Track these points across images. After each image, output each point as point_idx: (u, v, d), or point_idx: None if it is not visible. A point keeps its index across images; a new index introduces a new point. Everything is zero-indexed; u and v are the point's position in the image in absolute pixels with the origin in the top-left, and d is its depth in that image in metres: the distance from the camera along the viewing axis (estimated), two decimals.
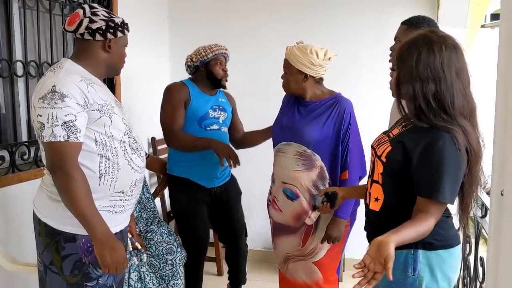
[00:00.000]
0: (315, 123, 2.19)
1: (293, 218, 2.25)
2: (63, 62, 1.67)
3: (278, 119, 2.35)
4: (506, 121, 0.99)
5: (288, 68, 2.22)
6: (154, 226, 2.55)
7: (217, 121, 2.57)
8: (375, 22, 3.38)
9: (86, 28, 1.66)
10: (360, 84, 3.41)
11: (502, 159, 1.00)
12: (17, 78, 2.37)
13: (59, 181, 1.55)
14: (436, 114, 1.37)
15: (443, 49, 1.37)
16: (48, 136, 1.52)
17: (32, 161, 2.37)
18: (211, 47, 2.54)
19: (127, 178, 1.71)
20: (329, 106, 2.22)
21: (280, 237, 2.34)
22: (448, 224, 1.50)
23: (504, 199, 1.00)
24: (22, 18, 2.35)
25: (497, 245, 1.03)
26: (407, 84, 1.41)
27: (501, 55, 1.01)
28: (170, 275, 2.45)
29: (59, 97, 1.53)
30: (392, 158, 1.46)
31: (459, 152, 1.34)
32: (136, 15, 3.16)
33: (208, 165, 2.53)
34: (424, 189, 1.38)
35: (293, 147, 2.21)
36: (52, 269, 1.66)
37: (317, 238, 2.25)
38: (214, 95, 2.62)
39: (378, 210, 1.53)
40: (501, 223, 1.02)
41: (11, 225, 2.23)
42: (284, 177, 2.24)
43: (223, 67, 2.56)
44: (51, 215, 1.64)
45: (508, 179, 0.99)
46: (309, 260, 2.28)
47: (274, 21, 3.51)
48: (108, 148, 1.65)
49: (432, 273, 1.46)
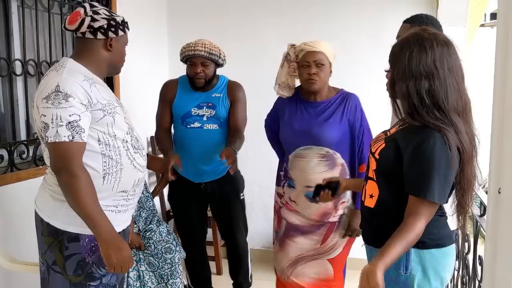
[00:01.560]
0: (331, 123, 2.17)
1: (316, 219, 2.23)
2: (65, 62, 1.66)
3: (287, 123, 2.27)
4: (504, 120, 0.99)
5: (323, 62, 2.14)
6: (153, 225, 2.56)
7: (200, 119, 2.55)
8: (375, 21, 3.37)
9: (88, 27, 1.64)
10: (359, 83, 3.40)
11: (499, 157, 1.00)
12: (16, 77, 2.37)
13: (64, 181, 1.55)
14: (429, 111, 1.38)
15: (434, 45, 1.39)
16: (53, 136, 1.51)
17: (31, 160, 2.37)
18: (183, 47, 2.52)
19: (130, 178, 1.71)
20: (339, 104, 2.21)
21: (294, 238, 2.29)
22: (441, 223, 1.50)
23: (502, 197, 1.00)
24: (21, 17, 2.35)
25: (495, 243, 1.03)
26: (400, 82, 1.41)
27: (499, 54, 1.01)
28: (169, 274, 2.45)
29: (63, 97, 1.52)
30: (385, 155, 1.48)
31: (450, 151, 1.35)
32: (135, 13, 3.15)
33: (192, 160, 2.54)
34: (413, 188, 1.40)
35: (314, 150, 2.19)
36: (55, 269, 1.66)
37: (338, 234, 2.25)
38: (208, 90, 2.58)
39: (373, 206, 1.54)
40: (498, 222, 1.02)
41: (10, 224, 2.23)
42: (307, 181, 2.20)
43: (194, 68, 2.48)
44: (54, 215, 1.63)
45: (505, 177, 0.99)
46: (324, 258, 2.27)
47: (273, 19, 3.51)
48: (111, 147, 1.64)
49: (425, 272, 1.47)
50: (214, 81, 2.61)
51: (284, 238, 2.33)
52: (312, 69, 2.13)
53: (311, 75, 2.14)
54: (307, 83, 2.17)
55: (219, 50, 2.51)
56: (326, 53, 2.15)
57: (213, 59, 2.49)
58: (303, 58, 2.17)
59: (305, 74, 2.16)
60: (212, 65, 2.52)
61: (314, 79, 2.14)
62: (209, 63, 2.49)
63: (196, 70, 2.49)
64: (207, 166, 2.57)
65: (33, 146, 2.39)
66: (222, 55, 2.53)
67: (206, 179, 2.60)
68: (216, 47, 2.51)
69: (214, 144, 2.53)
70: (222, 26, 3.54)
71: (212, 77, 2.55)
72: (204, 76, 2.50)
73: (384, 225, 1.48)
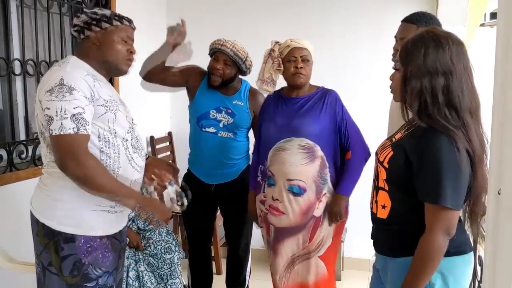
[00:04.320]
0: (311, 115, 2.23)
1: (301, 214, 2.25)
2: (69, 58, 1.68)
3: (269, 119, 2.33)
4: (504, 120, 0.99)
5: (308, 58, 2.24)
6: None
7: (216, 124, 2.50)
8: (374, 20, 3.37)
9: (74, 26, 1.69)
10: (358, 82, 3.40)
11: (499, 157, 0.99)
12: (15, 77, 2.36)
13: (74, 172, 1.53)
14: (441, 110, 1.33)
15: (450, 42, 1.34)
16: (58, 129, 1.50)
17: (30, 160, 2.37)
18: (213, 40, 2.49)
19: (126, 178, 1.70)
20: (318, 99, 2.27)
21: (283, 241, 2.31)
22: (459, 229, 1.40)
23: (502, 198, 0.99)
24: (20, 17, 2.35)
25: (495, 244, 1.02)
26: (414, 79, 1.35)
27: (499, 54, 1.01)
28: (168, 274, 2.45)
29: (67, 90, 1.52)
30: (394, 163, 1.42)
31: (458, 154, 1.29)
32: (135, 13, 3.13)
33: (204, 162, 2.55)
34: (425, 194, 1.34)
35: (295, 141, 2.22)
36: (51, 270, 1.64)
37: (324, 229, 2.27)
38: (229, 95, 2.53)
39: (386, 217, 1.47)
40: (498, 222, 1.01)
41: (8, 224, 2.22)
42: (289, 174, 2.22)
43: (215, 63, 2.44)
44: (50, 216, 1.62)
45: (505, 178, 0.98)
46: (315, 256, 2.29)
47: (272, 18, 3.51)
48: (110, 145, 1.64)
49: (444, 280, 1.40)
50: (236, 85, 2.56)
51: (275, 244, 2.34)
52: (299, 64, 2.22)
53: (299, 69, 2.22)
54: (294, 77, 2.24)
55: (246, 56, 2.46)
56: (310, 51, 2.25)
57: (237, 61, 2.44)
58: (289, 53, 2.24)
59: (292, 68, 2.23)
60: (234, 68, 2.46)
61: (301, 73, 2.22)
62: (231, 64, 2.44)
63: (216, 66, 2.43)
64: (218, 170, 2.56)
65: (32, 146, 2.39)
66: (247, 62, 2.48)
67: (217, 181, 2.59)
68: (244, 52, 2.46)
69: (227, 151, 2.53)
70: (221, 26, 3.52)
71: (230, 80, 2.48)
72: (222, 75, 2.44)
73: (399, 234, 1.44)
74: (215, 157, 2.52)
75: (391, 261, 1.49)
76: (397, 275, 1.45)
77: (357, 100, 3.33)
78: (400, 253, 1.44)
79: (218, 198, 2.63)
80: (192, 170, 2.62)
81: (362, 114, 3.28)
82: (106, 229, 1.69)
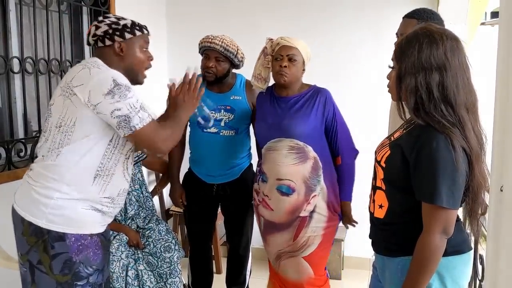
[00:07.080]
0: (301, 116, 2.22)
1: (288, 213, 2.25)
2: (96, 60, 1.67)
3: (261, 118, 2.33)
4: (506, 117, 0.98)
5: (295, 58, 2.20)
6: (153, 223, 2.55)
7: (217, 124, 2.46)
8: (374, 19, 3.36)
9: (93, 36, 1.69)
10: (358, 82, 3.39)
11: (501, 155, 0.99)
12: (14, 75, 2.35)
13: (166, 149, 1.73)
14: (437, 106, 1.32)
15: (444, 38, 1.33)
16: (139, 122, 1.59)
17: (28, 158, 2.36)
18: (202, 38, 2.44)
19: (117, 186, 1.71)
20: (309, 98, 2.26)
21: (272, 234, 2.34)
22: (457, 228, 1.40)
23: (504, 195, 0.99)
24: (19, 14, 2.34)
25: (496, 242, 1.02)
26: (409, 76, 1.35)
27: (500, 53, 1.00)
28: (168, 273, 2.44)
29: (125, 88, 1.58)
30: (391, 162, 1.42)
31: (454, 153, 1.28)
32: (134, 13, 3.12)
33: (206, 163, 2.54)
34: (422, 194, 1.34)
35: (284, 142, 2.22)
36: (40, 268, 1.63)
37: (310, 230, 2.26)
38: (225, 92, 2.49)
39: (383, 217, 1.47)
40: (500, 220, 1.01)
41: (6, 222, 2.21)
42: (279, 174, 2.23)
43: (207, 62, 2.40)
44: (39, 214, 1.61)
45: (507, 175, 0.97)
46: (299, 256, 2.29)
47: (272, 18, 3.50)
48: (116, 151, 1.67)
49: (442, 280, 1.39)
50: (231, 81, 2.52)
51: (264, 235, 2.40)
52: (284, 62, 2.20)
53: (282, 68, 2.19)
54: (277, 75, 2.23)
55: (237, 49, 2.42)
56: (300, 50, 2.21)
57: (228, 56, 2.39)
58: (278, 51, 2.24)
59: (277, 66, 2.22)
60: (227, 63, 2.42)
61: (284, 72, 2.19)
62: (223, 60, 2.41)
63: (208, 64, 2.40)
64: (222, 171, 2.55)
65: (30, 144, 2.38)
66: (239, 55, 2.43)
67: (219, 180, 2.57)
68: (234, 45, 2.42)
69: (229, 151, 2.51)
70: (221, 26, 3.51)
71: (224, 76, 2.45)
72: (216, 72, 2.41)
73: (396, 234, 1.43)
74: (218, 158, 2.51)
75: (389, 260, 1.48)
76: (395, 275, 1.44)
77: (357, 100, 3.34)
78: (398, 253, 1.44)
79: (219, 197, 2.62)
80: (193, 170, 2.61)
81: (362, 114, 3.30)
82: (96, 227, 1.70)
